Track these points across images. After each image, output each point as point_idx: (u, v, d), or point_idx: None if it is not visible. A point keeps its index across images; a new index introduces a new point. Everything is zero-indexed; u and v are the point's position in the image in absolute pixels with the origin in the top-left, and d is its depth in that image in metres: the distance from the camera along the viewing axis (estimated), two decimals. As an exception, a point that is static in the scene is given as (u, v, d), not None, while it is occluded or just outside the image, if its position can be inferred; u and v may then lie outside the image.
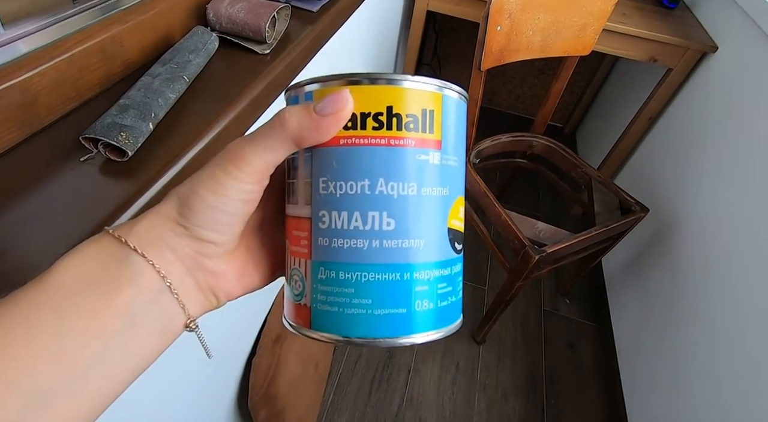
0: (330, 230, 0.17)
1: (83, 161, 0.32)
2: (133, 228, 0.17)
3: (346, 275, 0.17)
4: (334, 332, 0.17)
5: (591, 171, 1.15)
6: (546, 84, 1.96)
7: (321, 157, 0.17)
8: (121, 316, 0.15)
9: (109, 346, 0.15)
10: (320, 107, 0.16)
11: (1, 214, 0.28)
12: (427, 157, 0.17)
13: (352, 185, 0.17)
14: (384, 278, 0.17)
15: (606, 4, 0.97)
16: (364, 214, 0.17)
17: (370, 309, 0.17)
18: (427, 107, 0.17)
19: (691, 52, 1.14)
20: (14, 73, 0.31)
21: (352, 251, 0.17)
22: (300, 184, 0.18)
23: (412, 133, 0.17)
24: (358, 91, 0.17)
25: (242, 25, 0.49)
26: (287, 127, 0.16)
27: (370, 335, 0.17)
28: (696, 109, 1.13)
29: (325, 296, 0.17)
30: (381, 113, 0.17)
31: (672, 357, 0.96)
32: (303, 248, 0.18)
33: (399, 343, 0.17)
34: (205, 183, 0.16)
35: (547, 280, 1.43)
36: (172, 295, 0.17)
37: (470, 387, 1.13)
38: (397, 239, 0.17)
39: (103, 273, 0.15)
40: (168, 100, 0.38)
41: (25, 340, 0.14)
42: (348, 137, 0.17)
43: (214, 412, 0.72)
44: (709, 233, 0.94)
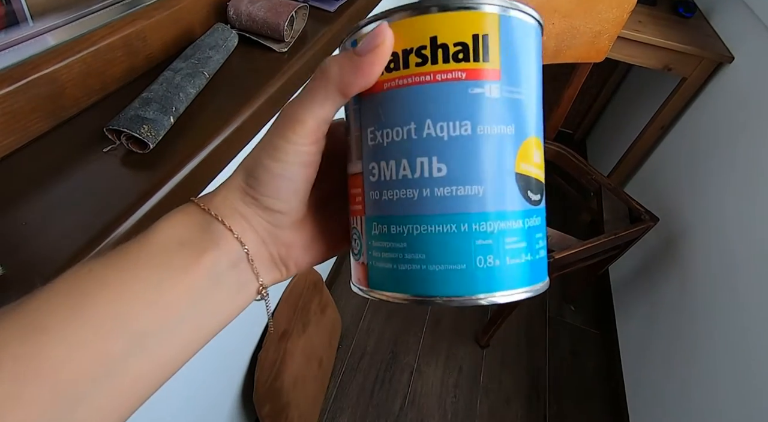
0: (379, 182, 0.16)
1: (106, 152, 0.33)
2: (213, 199, 0.18)
3: (397, 228, 0.16)
4: (392, 290, 0.16)
5: (601, 178, 1.15)
6: (557, 90, 1.95)
7: (367, 106, 0.16)
8: (206, 276, 0.17)
9: (196, 301, 0.16)
10: (359, 47, 0.16)
11: (28, 201, 0.29)
12: (482, 90, 0.15)
13: (398, 131, 0.16)
14: (438, 231, 0.15)
15: (622, 11, 0.97)
16: (412, 161, 0.15)
17: (424, 265, 0.15)
18: (479, 31, 0.15)
19: (707, 62, 1.13)
20: (43, 64, 0.32)
21: (402, 203, 0.16)
22: (353, 139, 0.17)
23: (462, 64, 0.15)
24: (399, 26, 0.15)
25: (261, 23, 0.50)
26: (329, 75, 0.16)
27: (427, 293, 0.15)
28: (709, 119, 1.12)
29: (379, 252, 0.16)
30: (424, 46, 0.15)
31: (679, 370, 0.95)
32: (358, 204, 0.17)
33: (461, 303, 0.15)
34: (266, 152, 0.17)
35: (552, 287, 1.42)
36: (248, 262, 0.18)
37: (473, 391, 1.13)
38: (450, 186, 0.15)
39: (191, 236, 0.17)
40: (188, 95, 0.39)
41: (129, 287, 0.15)
42: (391, 79, 0.16)
43: (220, 405, 0.73)
44: (719, 245, 0.93)
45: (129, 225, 0.29)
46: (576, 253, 0.94)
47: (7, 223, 0.27)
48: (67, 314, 0.14)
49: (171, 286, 0.16)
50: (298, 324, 0.86)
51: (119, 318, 0.15)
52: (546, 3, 0.90)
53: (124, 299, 0.15)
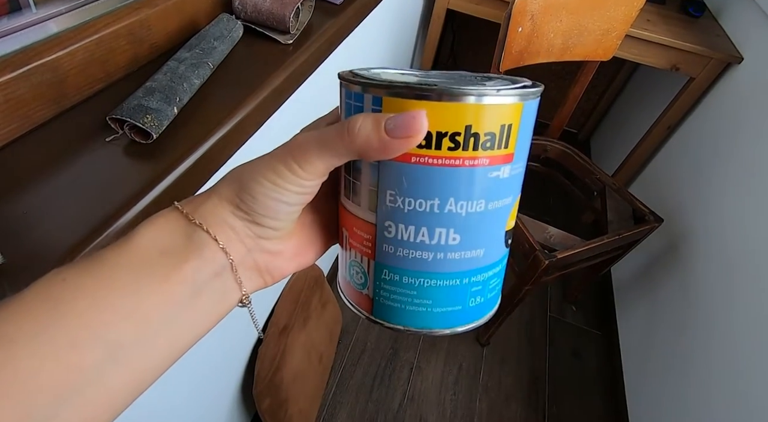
0: (395, 240, 0.18)
1: (109, 142, 0.33)
2: (199, 208, 0.18)
3: (409, 280, 0.18)
4: (394, 322, 0.19)
5: (605, 178, 1.14)
6: (562, 88, 1.94)
7: (390, 170, 0.17)
8: (187, 285, 0.16)
9: (176, 311, 0.16)
10: (392, 128, 0.15)
11: (29, 190, 0.28)
12: (499, 173, 0.17)
13: (421, 203, 0.17)
14: (445, 284, 0.18)
15: (630, 9, 0.96)
16: (431, 230, 0.17)
17: (430, 308, 0.18)
18: (506, 122, 0.16)
19: (715, 62, 1.12)
20: (46, 52, 0.32)
21: (417, 261, 0.18)
22: (363, 188, 0.18)
23: (487, 152, 0.16)
24: (434, 107, 0.15)
25: (267, 14, 0.49)
26: (355, 140, 0.16)
27: (426, 327, 0.19)
28: (717, 120, 1.11)
29: (388, 293, 0.19)
30: (459, 132, 0.16)
31: (679, 372, 0.94)
32: (366, 247, 0.19)
33: (453, 332, 0.19)
34: (266, 174, 0.17)
35: (554, 286, 1.41)
36: (232, 271, 0.18)
37: (472, 389, 1.13)
38: (460, 251, 0.18)
39: (173, 244, 0.17)
40: (192, 86, 0.38)
41: (107, 296, 0.15)
42: (421, 155, 0.16)
43: (220, 399, 0.73)
44: (724, 248, 0.93)
45: (131, 216, 0.29)
46: (579, 253, 0.93)
47: (7, 212, 0.27)
48: (38, 325, 0.14)
49: (149, 295, 0.16)
50: (299, 319, 0.86)
51: (94, 328, 0.14)
52: (554, 0, 0.89)
53: (99, 308, 0.15)
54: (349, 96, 0.17)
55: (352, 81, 0.17)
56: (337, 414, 1.02)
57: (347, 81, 0.17)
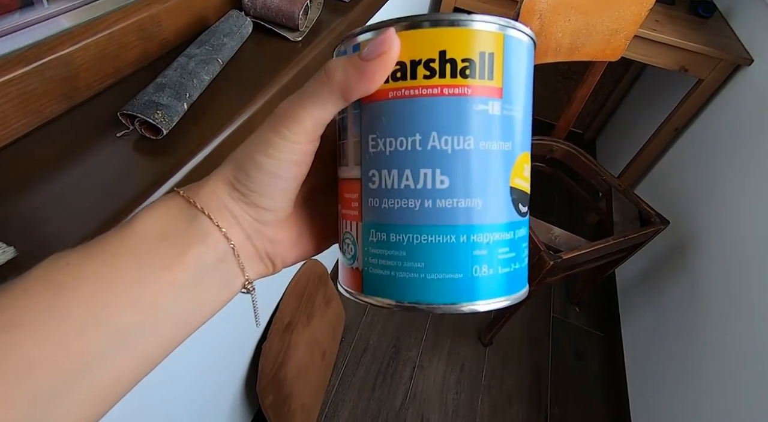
0: (380, 190, 0.16)
1: (119, 137, 0.33)
2: (199, 192, 0.17)
3: (397, 237, 0.16)
4: (386, 296, 0.17)
5: (611, 179, 1.13)
6: (568, 88, 1.93)
7: (370, 112, 0.16)
8: (190, 270, 0.16)
9: (179, 297, 0.16)
10: (365, 52, 0.15)
11: (41, 184, 0.28)
12: (486, 107, 0.16)
13: (402, 141, 0.16)
14: (438, 241, 0.16)
15: (640, 9, 0.95)
16: (415, 172, 0.16)
17: (423, 273, 0.16)
18: (486, 49, 0.15)
19: (724, 64, 1.11)
20: (57, 46, 0.32)
21: (404, 212, 0.16)
22: (350, 144, 0.17)
23: (468, 80, 0.15)
24: (407, 36, 0.15)
25: (276, 11, 0.49)
26: (333, 78, 0.16)
27: (423, 300, 0.16)
28: (725, 122, 1.11)
29: (376, 259, 0.17)
30: (432, 59, 0.15)
31: (684, 376, 0.94)
32: (354, 210, 0.17)
33: (455, 310, 0.16)
34: (259, 147, 0.16)
35: (557, 287, 1.41)
36: (234, 257, 0.17)
37: (474, 389, 1.13)
38: (451, 198, 0.16)
39: (175, 230, 0.16)
40: (202, 82, 0.38)
41: (109, 282, 0.15)
42: (397, 88, 0.16)
43: (223, 394, 0.73)
44: (731, 251, 0.92)
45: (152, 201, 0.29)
46: (584, 254, 0.93)
47: (19, 206, 0.27)
48: (43, 311, 0.14)
49: (153, 282, 0.15)
50: (303, 316, 0.86)
51: (99, 314, 0.14)
52: (563, -1, 0.89)
53: (103, 294, 0.15)
54: (338, 54, 0.18)
55: (338, 45, 0.18)
56: (340, 411, 1.03)
57: (338, 44, 0.18)
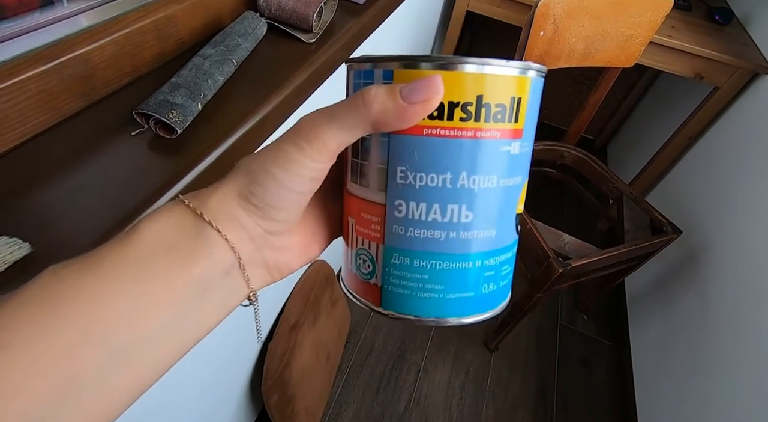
0: (406, 220, 0.17)
1: (134, 136, 0.33)
2: (208, 201, 0.17)
3: (421, 263, 0.17)
4: (405, 312, 0.18)
5: (623, 187, 1.12)
6: (580, 94, 1.92)
7: (400, 145, 0.16)
8: (195, 285, 0.16)
9: (182, 312, 0.16)
10: (408, 93, 0.15)
11: (57, 181, 0.29)
12: (510, 148, 0.17)
13: (433, 177, 0.16)
14: (458, 267, 0.17)
15: (656, 15, 0.94)
16: (443, 207, 0.17)
17: (442, 294, 0.18)
18: (515, 94, 0.16)
19: (742, 72, 1.09)
20: (77, 45, 0.32)
21: (429, 241, 0.17)
22: (372, 168, 0.17)
23: (498, 124, 0.16)
24: (447, 77, 0.15)
25: (291, 12, 0.49)
26: (370, 109, 0.15)
27: (439, 316, 0.18)
28: (741, 131, 1.09)
29: (398, 280, 0.18)
30: (470, 102, 0.16)
31: (695, 389, 0.92)
32: (374, 231, 0.18)
33: (464, 322, 0.18)
34: (277, 160, 0.16)
35: (565, 294, 1.40)
36: (240, 270, 0.17)
37: (479, 395, 1.12)
38: (473, 230, 0.17)
39: (180, 242, 0.16)
40: (217, 82, 0.39)
41: (109, 298, 0.14)
42: (433, 126, 0.16)
43: (228, 393, 0.73)
44: (745, 263, 0.90)
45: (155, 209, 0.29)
46: (593, 262, 0.92)
47: (36, 202, 0.27)
48: (37, 328, 0.13)
49: (154, 296, 0.15)
50: (309, 317, 0.86)
51: (95, 331, 0.14)
52: (577, 4, 0.88)
53: (101, 310, 0.14)
54: (359, 76, 0.17)
55: (362, 60, 0.17)
56: (343, 413, 1.02)
57: (357, 61, 0.17)
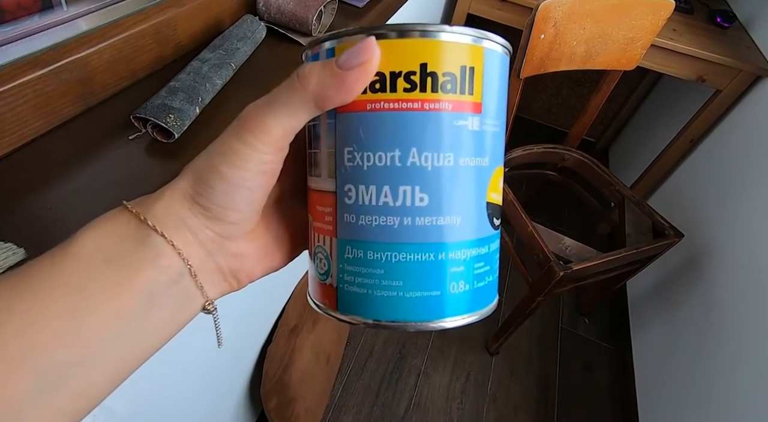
0: (357, 206, 0.16)
1: (132, 140, 0.33)
2: (153, 206, 0.16)
3: (374, 254, 0.16)
4: (362, 315, 0.16)
5: (624, 190, 1.12)
6: (582, 96, 1.92)
7: (346, 124, 0.15)
8: (140, 297, 0.15)
9: (126, 327, 0.15)
10: (343, 60, 0.14)
11: (54, 185, 0.29)
12: (466, 122, 0.15)
13: (381, 156, 0.15)
14: (416, 259, 0.16)
15: (657, 18, 0.94)
16: (394, 189, 0.15)
17: (401, 292, 0.16)
18: (466, 63, 0.15)
19: (744, 75, 1.08)
20: (75, 49, 0.32)
21: (382, 229, 0.15)
22: (323, 154, 0.16)
23: (449, 95, 0.15)
24: (387, 45, 0.14)
25: (290, 16, 0.49)
26: (307, 85, 0.14)
27: (400, 318, 0.16)
28: (743, 134, 1.08)
29: (352, 276, 0.16)
30: (413, 71, 0.15)
31: (697, 393, 0.92)
32: (327, 224, 0.17)
33: (429, 327, 0.16)
34: (224, 157, 0.15)
35: (567, 298, 1.39)
36: (191, 278, 0.16)
37: (480, 398, 1.11)
38: (430, 216, 0.15)
39: (122, 251, 0.15)
40: (215, 86, 0.39)
41: (41, 317, 0.13)
42: (376, 100, 0.15)
43: (227, 397, 0.73)
44: (747, 266, 0.90)
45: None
46: (595, 265, 0.91)
47: (33, 206, 0.27)
48: None
49: (93, 313, 0.14)
50: (308, 320, 0.86)
51: (29, 352, 0.13)
52: (578, 7, 0.88)
53: (32, 332, 0.13)
54: (308, 60, 0.17)
55: (309, 44, 0.16)
56: (343, 416, 1.02)
57: (306, 49, 0.17)
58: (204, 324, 0.20)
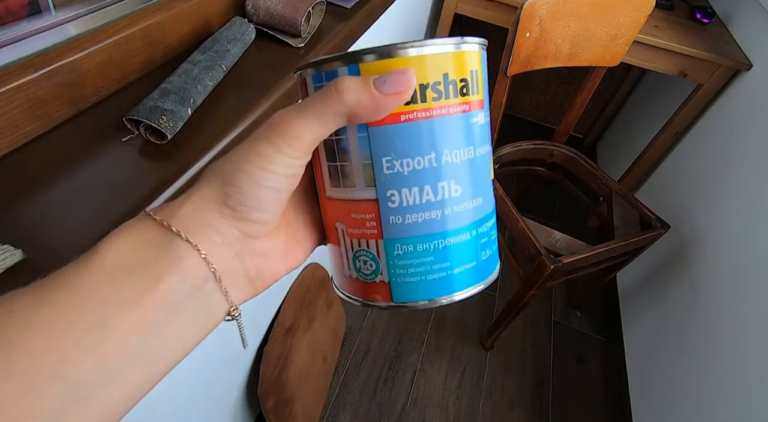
0: (402, 208, 0.17)
1: (124, 142, 0.34)
2: (177, 212, 0.16)
3: (424, 246, 0.18)
4: (419, 298, 0.18)
5: (612, 184, 1.14)
6: (569, 93, 1.94)
7: (381, 136, 0.17)
8: (164, 306, 0.15)
9: (149, 337, 0.14)
10: (381, 84, 0.15)
11: (48, 188, 0.29)
12: (477, 119, 0.18)
13: (419, 160, 0.17)
14: (458, 241, 0.18)
15: (639, 15, 0.96)
16: (434, 186, 0.17)
17: (449, 271, 0.18)
18: (474, 68, 0.17)
19: (724, 69, 1.11)
20: (65, 53, 0.33)
21: (427, 223, 0.17)
22: (356, 166, 0.17)
23: (467, 97, 0.17)
24: (414, 61, 0.16)
25: (279, 17, 0.50)
26: (345, 101, 0.15)
27: (449, 292, 0.18)
28: (725, 126, 1.11)
29: (405, 269, 0.18)
30: (439, 81, 0.16)
31: (686, 380, 0.94)
32: (370, 229, 0.18)
33: (473, 293, 0.19)
34: (251, 159, 0.15)
35: (559, 291, 1.41)
36: (216, 282, 0.16)
37: (475, 393, 1.13)
38: (464, 202, 0.18)
39: (145, 260, 0.15)
40: (206, 88, 0.39)
41: (66, 328, 0.13)
42: (409, 111, 0.16)
43: (225, 398, 0.73)
44: (731, 255, 0.92)
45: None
46: (585, 258, 0.93)
47: (27, 209, 0.27)
48: None
49: (117, 324, 0.14)
50: (304, 319, 0.87)
51: (50, 368, 0.13)
52: (562, 5, 0.90)
53: (57, 345, 0.13)
54: (319, 79, 0.17)
55: (316, 62, 0.17)
56: (340, 415, 1.03)
57: (310, 66, 0.17)
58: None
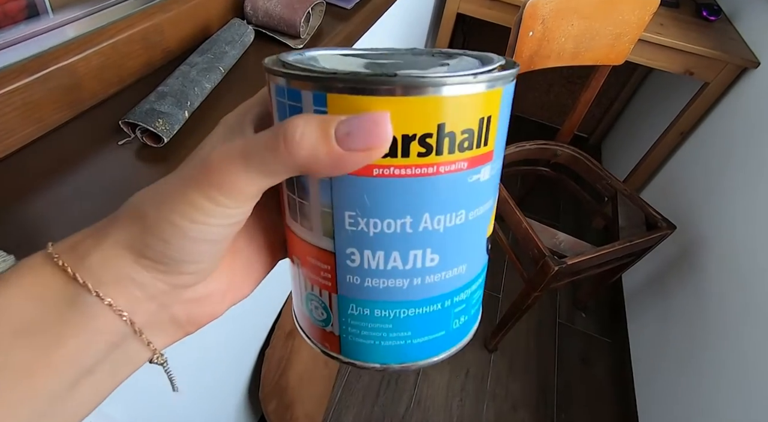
0: (361, 270, 0.14)
1: (121, 145, 0.33)
2: (86, 258, 0.13)
3: (382, 312, 0.15)
4: (369, 360, 0.16)
5: (617, 184, 1.13)
6: (573, 92, 1.93)
7: (346, 187, 0.13)
8: (68, 370, 0.12)
9: (47, 408, 0.12)
10: (344, 136, 0.11)
11: (45, 193, 0.29)
12: (479, 175, 0.14)
13: (390, 223, 0.13)
14: (425, 311, 0.15)
15: (644, 13, 0.95)
16: (404, 254, 0.14)
17: (409, 340, 0.16)
18: (485, 114, 0.13)
19: (731, 67, 1.10)
20: (62, 56, 0.32)
21: (390, 291, 0.15)
22: (314, 210, 0.14)
23: (466, 153, 0.13)
24: (398, 104, 0.12)
25: (278, 19, 0.49)
26: (296, 156, 0.11)
27: (408, 360, 0.16)
28: (732, 125, 1.09)
29: (358, 330, 0.16)
30: (430, 134, 0.12)
31: (692, 382, 0.92)
32: (324, 279, 0.15)
33: (435, 362, 0.16)
34: (180, 209, 0.12)
35: (563, 292, 1.40)
36: (136, 336, 0.14)
37: (479, 395, 1.12)
38: (441, 272, 0.15)
39: (43, 318, 0.12)
40: (204, 90, 0.39)
41: None
42: (385, 166, 0.13)
43: (226, 401, 0.73)
44: (739, 256, 0.91)
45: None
46: (589, 259, 0.92)
47: (23, 213, 0.27)
48: None
49: (6, 397, 0.11)
50: (306, 322, 0.86)
51: None
52: (565, 4, 0.89)
53: None
54: (281, 93, 0.13)
55: (282, 73, 0.13)
56: (343, 417, 1.02)
57: (274, 73, 0.13)
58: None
